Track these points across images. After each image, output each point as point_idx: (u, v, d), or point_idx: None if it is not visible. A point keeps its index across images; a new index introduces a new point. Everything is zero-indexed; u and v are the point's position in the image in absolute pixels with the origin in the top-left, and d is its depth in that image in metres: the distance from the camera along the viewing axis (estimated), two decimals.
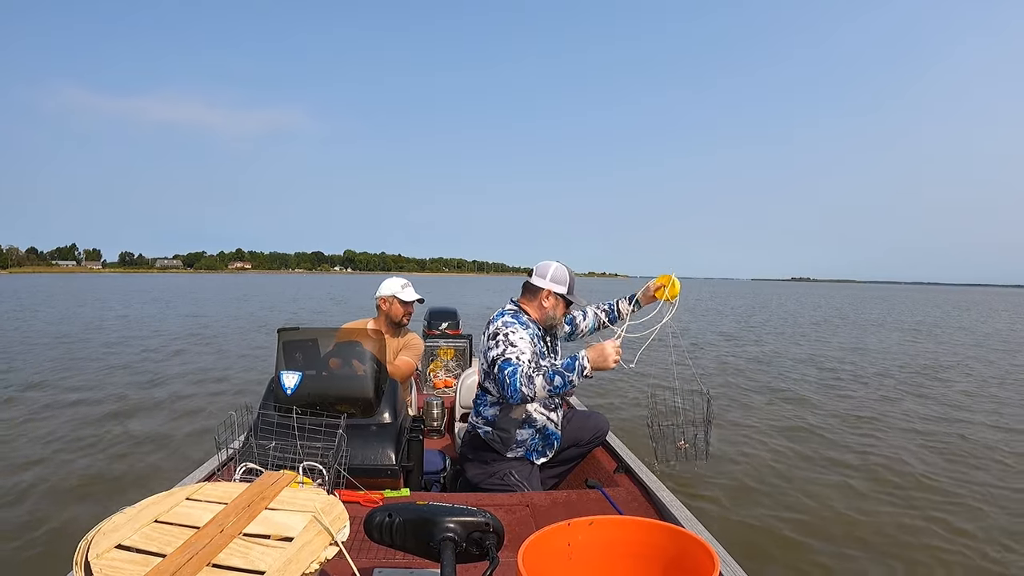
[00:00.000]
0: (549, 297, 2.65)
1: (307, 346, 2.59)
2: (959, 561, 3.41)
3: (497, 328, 2.51)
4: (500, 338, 2.47)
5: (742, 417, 6.62)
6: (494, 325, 2.54)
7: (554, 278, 2.65)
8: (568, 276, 2.68)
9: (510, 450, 2.57)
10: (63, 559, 3.21)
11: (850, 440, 5.79)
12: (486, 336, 2.57)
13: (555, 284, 2.65)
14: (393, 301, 3.42)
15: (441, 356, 5.10)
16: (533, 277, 2.69)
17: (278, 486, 1.26)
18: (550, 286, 2.64)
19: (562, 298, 2.67)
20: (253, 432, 2.14)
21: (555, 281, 2.65)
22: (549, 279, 2.65)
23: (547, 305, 2.65)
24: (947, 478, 4.72)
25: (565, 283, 2.67)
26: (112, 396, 7.47)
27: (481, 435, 2.60)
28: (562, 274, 2.67)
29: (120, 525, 1.06)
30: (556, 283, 2.65)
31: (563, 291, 2.65)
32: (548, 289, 2.64)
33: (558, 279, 2.66)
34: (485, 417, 2.60)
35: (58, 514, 3.84)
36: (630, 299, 2.90)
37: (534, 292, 2.67)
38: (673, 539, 1.05)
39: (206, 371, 9.50)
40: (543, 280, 2.66)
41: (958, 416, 6.90)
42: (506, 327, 2.50)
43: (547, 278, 2.65)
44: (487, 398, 2.61)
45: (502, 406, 2.57)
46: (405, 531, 1.06)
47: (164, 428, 6.01)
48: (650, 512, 2.17)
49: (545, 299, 2.65)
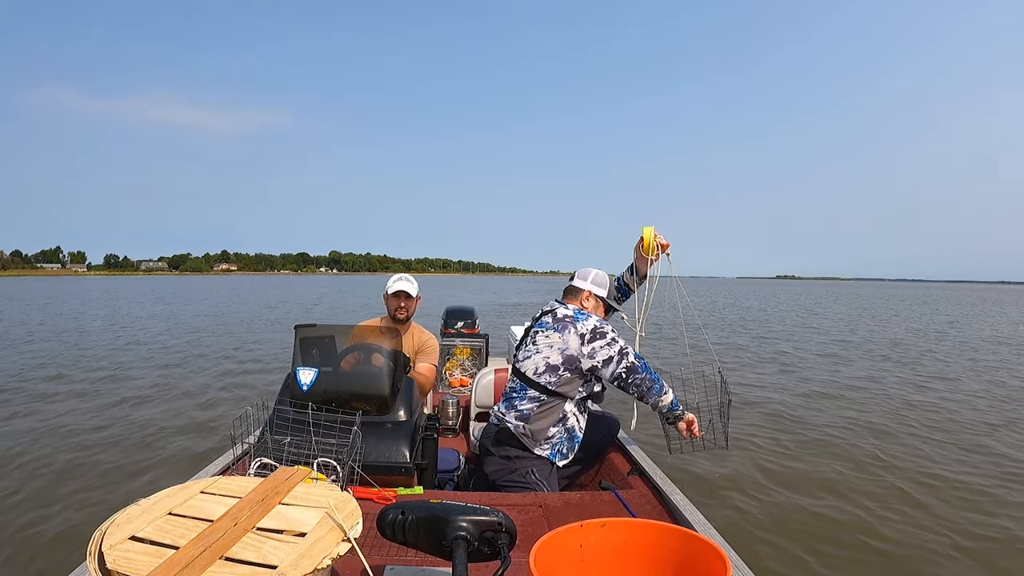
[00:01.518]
0: (590, 299, 2.74)
1: (324, 343, 2.60)
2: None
3: (597, 326, 2.53)
4: (612, 336, 2.52)
5: (762, 419, 6.56)
6: (589, 323, 2.54)
7: (595, 281, 2.77)
8: (608, 281, 2.79)
9: (538, 446, 2.56)
10: (77, 549, 3.27)
11: (876, 450, 5.71)
12: (581, 333, 2.53)
13: (596, 287, 2.76)
14: (386, 297, 3.49)
15: (457, 355, 5.10)
16: (575, 280, 2.79)
17: (292, 481, 1.26)
18: (591, 288, 2.75)
19: (602, 301, 2.77)
20: (268, 427, 2.15)
21: (596, 284, 2.77)
22: (591, 281, 2.76)
23: (588, 307, 2.73)
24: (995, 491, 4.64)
25: (605, 287, 2.78)
26: (129, 390, 7.58)
27: (511, 428, 2.58)
28: (603, 278, 2.80)
29: (134, 517, 1.07)
30: (597, 286, 2.76)
31: (603, 293, 2.76)
32: (589, 291, 2.75)
33: (599, 282, 2.77)
34: (519, 411, 2.58)
35: (73, 505, 3.91)
36: (631, 270, 2.95)
37: (575, 294, 2.76)
38: (685, 543, 1.04)
39: (224, 366, 9.60)
40: (584, 282, 2.76)
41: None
42: (605, 325, 2.57)
43: (588, 280, 2.76)
44: (528, 393, 2.59)
45: (540, 402, 2.56)
46: (418, 529, 1.06)
47: (179, 422, 6.09)
48: (663, 515, 2.15)
49: (586, 300, 2.74)
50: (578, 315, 2.59)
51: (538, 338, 2.61)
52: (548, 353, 2.55)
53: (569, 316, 2.59)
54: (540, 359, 2.57)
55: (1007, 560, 3.47)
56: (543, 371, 2.56)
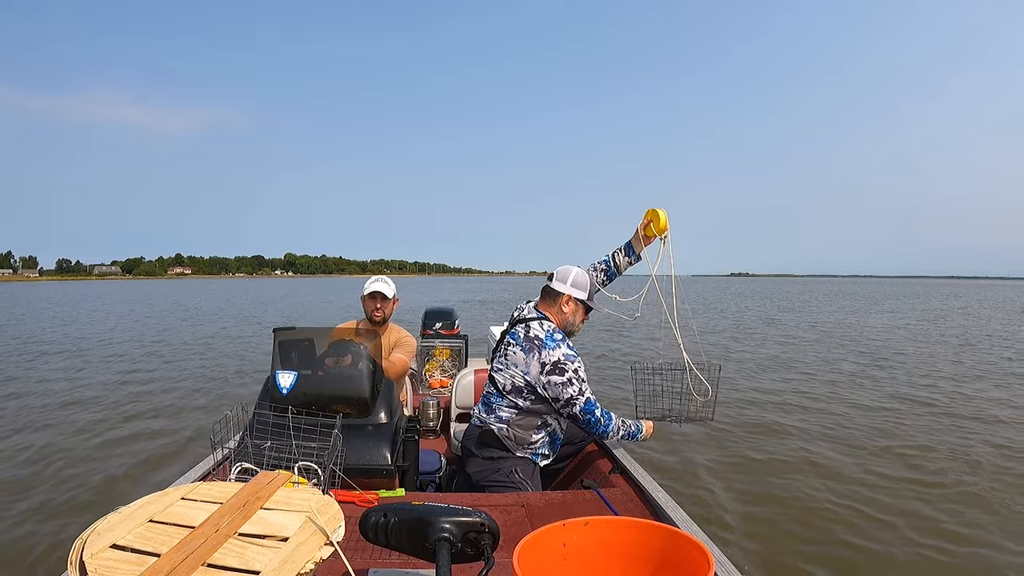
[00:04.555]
0: (569, 303, 2.59)
1: (303, 346, 2.58)
2: (959, 564, 3.43)
3: (560, 361, 2.44)
4: (571, 375, 2.43)
5: (742, 412, 6.64)
6: (553, 353, 2.46)
7: (575, 283, 2.60)
8: (588, 282, 2.62)
9: (521, 449, 2.56)
10: (58, 559, 3.22)
11: (857, 439, 5.80)
12: (542, 362, 2.46)
13: (576, 289, 2.59)
14: (363, 299, 3.48)
15: (437, 356, 5.09)
16: (553, 282, 2.63)
17: (273, 486, 1.26)
18: (571, 291, 2.59)
19: (582, 304, 2.61)
20: (248, 432, 2.13)
21: (576, 286, 2.59)
22: (570, 284, 2.59)
23: (567, 311, 2.60)
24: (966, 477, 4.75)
25: (586, 288, 2.61)
26: (107, 396, 7.46)
27: (495, 431, 2.57)
28: (583, 279, 2.61)
29: (115, 525, 1.06)
30: (577, 288, 2.59)
31: (583, 296, 2.60)
32: (568, 295, 2.59)
33: (579, 284, 2.60)
34: (500, 416, 2.57)
35: (52, 514, 3.84)
36: (626, 249, 2.81)
37: (554, 297, 2.61)
38: (668, 540, 1.06)
39: (201, 371, 9.49)
40: (563, 285, 2.59)
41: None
42: (571, 361, 2.45)
43: (568, 283, 2.59)
44: (504, 401, 2.56)
45: (520, 410, 2.54)
46: (400, 531, 1.06)
47: (159, 427, 6.00)
48: (645, 513, 2.17)
49: (565, 304, 2.59)
50: (548, 341, 2.49)
51: (508, 351, 2.57)
52: (514, 372, 2.54)
53: (539, 340, 2.50)
54: (509, 376, 2.56)
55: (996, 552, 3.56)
56: (511, 390, 2.55)
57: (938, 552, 3.52)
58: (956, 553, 3.52)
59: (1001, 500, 4.27)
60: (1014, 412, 7.01)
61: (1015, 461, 5.14)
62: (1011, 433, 6.07)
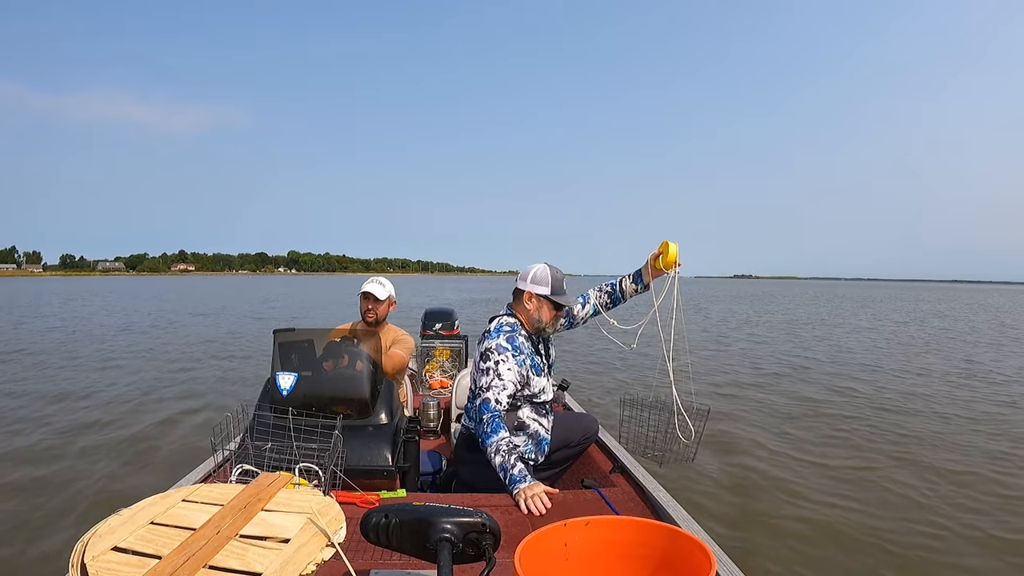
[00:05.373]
0: (532, 300, 2.58)
1: (302, 347, 2.58)
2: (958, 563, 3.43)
3: (489, 350, 2.46)
4: (491, 365, 2.43)
5: (743, 414, 6.64)
6: (488, 343, 2.49)
7: (535, 279, 2.58)
8: (550, 276, 2.58)
9: None
10: (59, 561, 3.21)
11: (859, 440, 5.81)
12: (480, 350, 2.52)
13: (536, 285, 2.57)
14: (360, 300, 3.49)
15: (437, 357, 5.08)
16: (517, 281, 2.64)
17: (274, 487, 1.26)
18: (531, 287, 2.58)
19: (546, 299, 2.58)
20: (249, 433, 2.13)
21: (536, 283, 2.58)
22: (530, 281, 2.58)
23: (530, 308, 2.59)
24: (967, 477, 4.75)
25: (547, 283, 2.57)
26: (108, 397, 7.45)
27: (476, 435, 2.57)
28: (543, 274, 2.58)
29: (116, 527, 1.06)
30: (537, 284, 2.57)
31: (545, 292, 2.57)
32: (529, 291, 2.58)
33: (539, 280, 2.58)
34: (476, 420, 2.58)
35: (54, 516, 3.83)
36: (634, 276, 2.76)
37: (519, 296, 2.62)
38: (669, 539, 1.05)
39: (205, 372, 9.48)
40: (524, 282, 2.60)
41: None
42: (499, 353, 2.45)
43: (528, 280, 2.59)
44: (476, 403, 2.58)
45: None
46: (402, 532, 1.06)
47: (159, 429, 6.00)
48: (646, 512, 2.17)
49: (528, 301, 2.59)
50: (493, 332, 2.54)
51: (476, 353, 2.60)
52: (474, 370, 2.57)
53: (486, 331, 2.57)
54: (473, 374, 2.59)
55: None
56: (474, 388, 2.57)
57: (939, 550, 3.53)
58: (956, 551, 3.52)
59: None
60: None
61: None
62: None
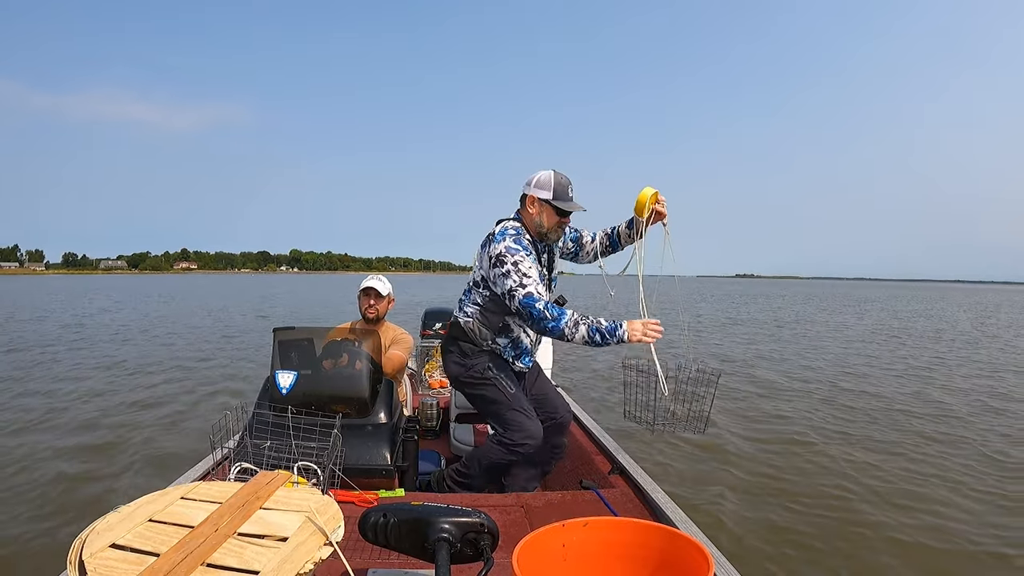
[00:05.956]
0: (534, 204, 2.53)
1: (302, 345, 2.58)
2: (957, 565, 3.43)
3: (502, 253, 2.43)
4: (509, 267, 2.39)
5: (745, 411, 6.64)
6: (497, 247, 2.45)
7: (538, 184, 2.52)
8: (553, 180, 2.51)
9: (486, 345, 2.57)
10: (57, 558, 3.20)
11: (858, 441, 5.80)
12: (489, 255, 2.47)
13: (539, 190, 2.51)
14: (359, 297, 3.51)
15: (436, 356, 5.08)
16: (523, 186, 2.60)
17: (273, 486, 1.26)
18: (533, 191, 2.53)
19: (547, 204, 2.52)
20: (248, 431, 2.13)
21: (539, 187, 2.52)
22: (533, 185, 2.54)
23: (532, 212, 2.54)
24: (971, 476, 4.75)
25: (549, 188, 2.50)
26: (105, 394, 7.45)
27: (461, 323, 2.59)
28: (547, 179, 2.51)
29: (114, 524, 1.06)
30: (540, 188, 2.51)
31: (547, 196, 2.50)
32: (532, 195, 2.54)
33: (542, 184, 2.51)
34: (465, 311, 2.60)
35: (52, 513, 3.83)
36: (629, 223, 2.70)
37: (523, 201, 2.59)
38: (667, 540, 1.06)
39: (202, 370, 9.48)
40: (528, 187, 2.56)
41: None
42: (512, 254, 2.42)
43: (532, 184, 2.55)
44: (472, 296, 2.59)
45: (482, 308, 2.55)
46: (400, 532, 1.06)
47: (159, 426, 5.99)
48: (645, 513, 2.17)
49: (530, 205, 2.55)
50: (499, 235, 2.49)
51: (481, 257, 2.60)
52: (475, 268, 2.59)
53: (492, 234, 2.53)
54: (473, 272, 2.61)
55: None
56: (473, 285, 2.59)
57: (940, 550, 3.53)
58: (956, 549, 3.52)
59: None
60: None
61: None
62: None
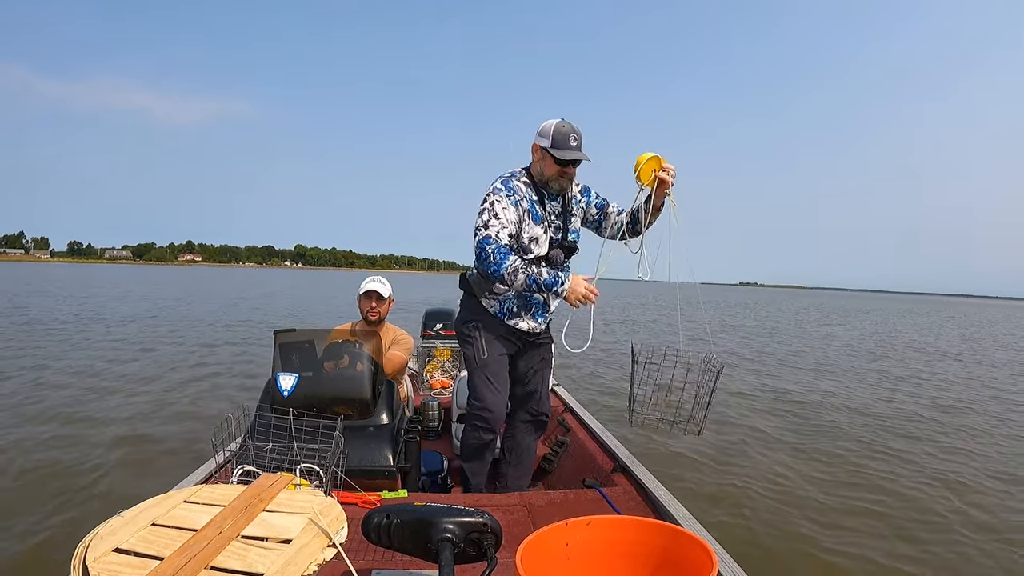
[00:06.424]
0: (536, 151, 2.50)
1: (303, 347, 2.58)
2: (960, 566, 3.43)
3: (487, 195, 2.44)
4: (486, 206, 2.40)
5: (742, 408, 6.64)
6: (487, 191, 2.46)
7: (541, 132, 2.46)
8: (553, 129, 2.41)
9: (484, 298, 2.56)
10: (60, 563, 3.20)
11: (858, 442, 5.80)
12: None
13: (540, 138, 2.45)
14: (359, 299, 3.48)
15: (438, 357, 5.09)
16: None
17: (275, 488, 1.25)
18: (536, 139, 2.49)
19: (547, 152, 2.43)
20: (250, 434, 2.13)
21: (541, 135, 2.45)
22: (538, 133, 2.48)
23: (535, 159, 2.52)
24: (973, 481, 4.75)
25: (548, 136, 2.41)
26: (106, 398, 7.44)
27: (467, 275, 2.60)
28: (548, 127, 2.43)
29: (117, 528, 1.06)
30: (541, 136, 2.45)
31: (546, 144, 2.42)
32: (535, 143, 2.50)
33: (544, 132, 2.44)
34: (473, 264, 2.57)
35: (55, 517, 3.82)
36: (647, 198, 2.57)
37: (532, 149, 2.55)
38: (671, 538, 1.05)
39: (203, 371, 9.48)
40: (536, 135, 2.51)
41: None
42: (494, 194, 2.42)
43: (538, 132, 2.48)
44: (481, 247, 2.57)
45: None
46: (403, 532, 1.06)
47: (160, 430, 5.99)
48: (648, 511, 2.17)
49: (534, 153, 2.52)
50: (494, 182, 2.49)
51: None
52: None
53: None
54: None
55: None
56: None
57: (941, 550, 3.53)
58: (956, 549, 3.52)
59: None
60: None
61: None
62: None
